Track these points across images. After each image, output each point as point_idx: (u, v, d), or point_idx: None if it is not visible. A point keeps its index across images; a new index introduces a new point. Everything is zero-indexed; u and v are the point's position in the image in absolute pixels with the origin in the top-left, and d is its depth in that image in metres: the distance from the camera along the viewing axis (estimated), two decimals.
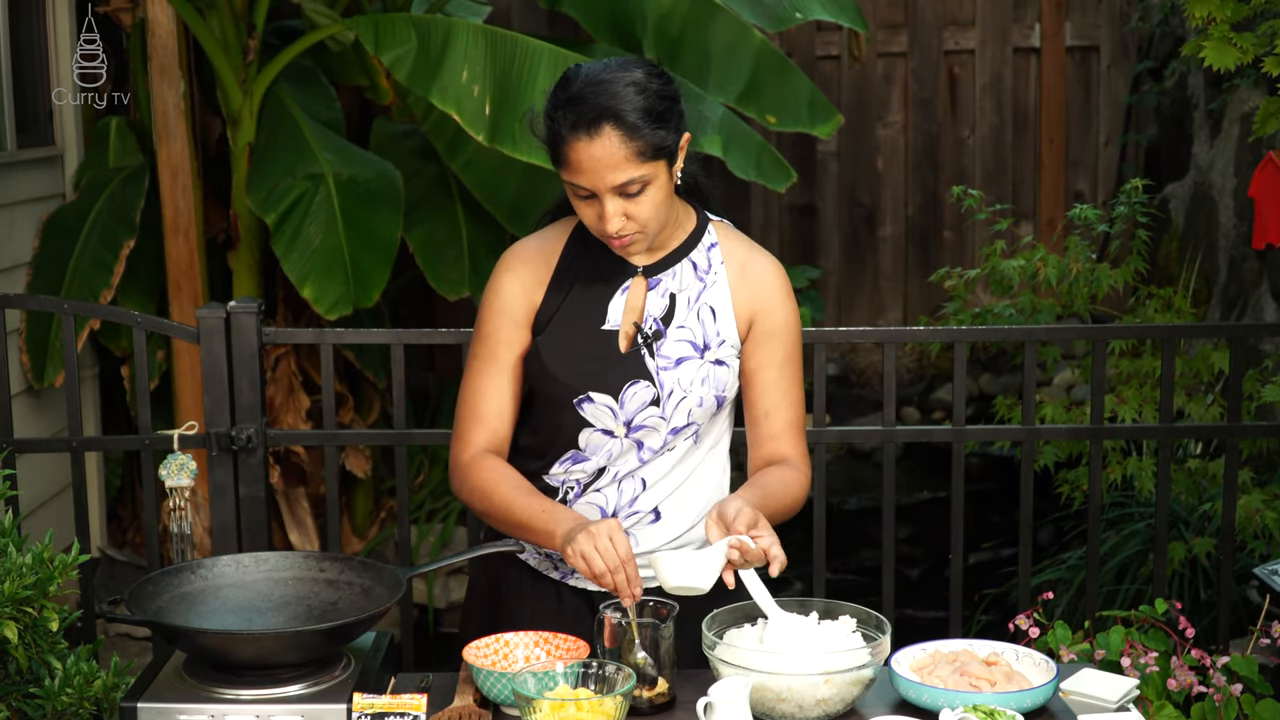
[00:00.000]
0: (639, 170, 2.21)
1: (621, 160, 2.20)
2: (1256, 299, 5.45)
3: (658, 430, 2.35)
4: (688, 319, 2.36)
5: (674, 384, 2.33)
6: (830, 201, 7.20)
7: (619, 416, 2.33)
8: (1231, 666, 3.10)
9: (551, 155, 2.27)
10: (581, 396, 2.33)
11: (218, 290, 5.36)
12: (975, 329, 3.76)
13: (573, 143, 2.21)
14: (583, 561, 2.17)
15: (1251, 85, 5.69)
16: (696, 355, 2.35)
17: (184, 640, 2.18)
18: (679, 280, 2.37)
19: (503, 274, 2.40)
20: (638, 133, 2.20)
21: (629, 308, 2.36)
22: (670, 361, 2.34)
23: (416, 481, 6.00)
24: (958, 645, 2.28)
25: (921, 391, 7.09)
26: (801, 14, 5.33)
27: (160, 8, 4.82)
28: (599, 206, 2.24)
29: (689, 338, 2.35)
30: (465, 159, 5.18)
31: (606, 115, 2.19)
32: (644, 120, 2.21)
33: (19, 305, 3.74)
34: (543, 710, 1.96)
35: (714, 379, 2.35)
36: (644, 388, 2.33)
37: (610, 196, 2.22)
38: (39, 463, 4.70)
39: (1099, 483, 3.63)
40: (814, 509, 3.62)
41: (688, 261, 2.38)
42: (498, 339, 2.38)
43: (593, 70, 2.25)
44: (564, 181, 2.28)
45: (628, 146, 2.20)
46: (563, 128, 2.22)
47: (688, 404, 2.34)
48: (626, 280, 2.37)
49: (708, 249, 2.40)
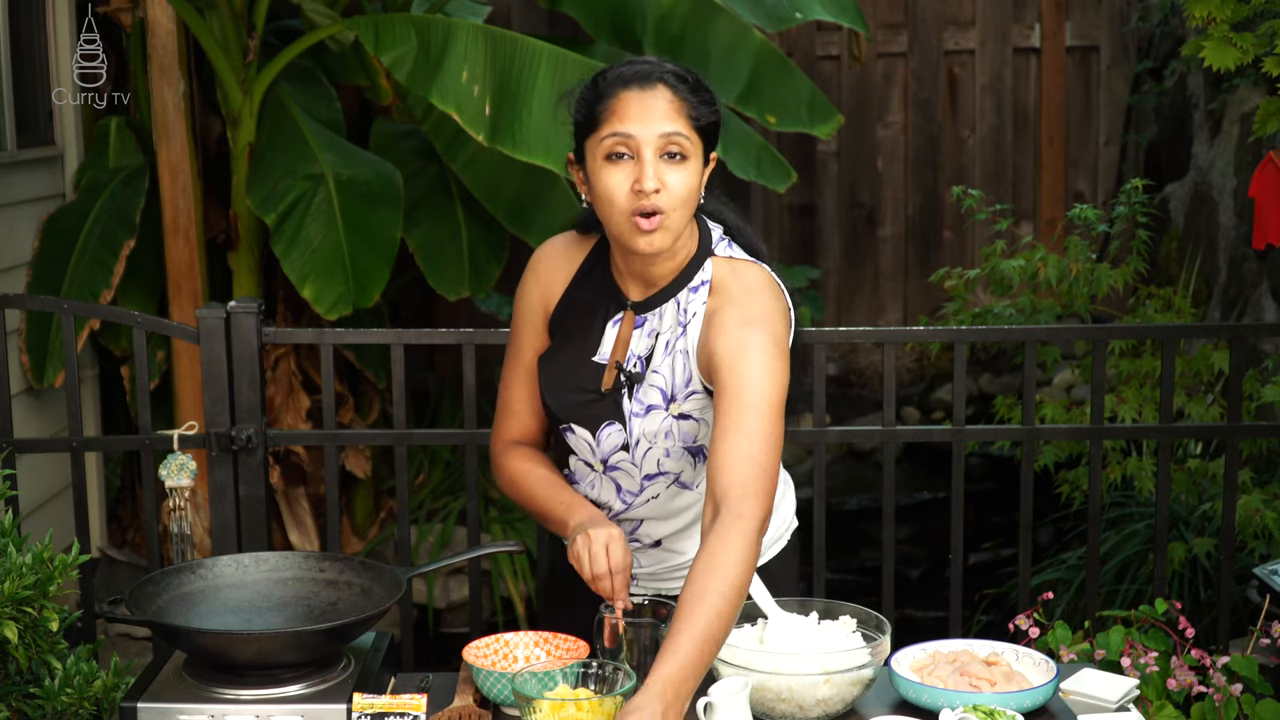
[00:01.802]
0: (686, 129, 2.19)
1: (673, 113, 2.19)
2: (1256, 299, 5.45)
3: (630, 475, 2.33)
4: (663, 364, 2.28)
5: (640, 433, 2.29)
6: (830, 201, 7.20)
7: (596, 453, 2.34)
8: (1231, 666, 3.10)
9: (586, 122, 2.22)
10: (564, 425, 2.36)
11: (218, 290, 5.36)
12: (975, 329, 3.76)
13: (622, 94, 2.19)
14: (576, 562, 2.22)
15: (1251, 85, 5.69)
16: (662, 406, 2.28)
17: (184, 640, 2.18)
18: (663, 321, 2.29)
19: (527, 276, 2.43)
20: (688, 94, 2.21)
21: (619, 341, 2.32)
22: (642, 409, 2.29)
23: (416, 481, 6.00)
24: (958, 645, 2.28)
25: (921, 391, 7.09)
26: (801, 14, 5.33)
27: (160, 8, 4.82)
28: (637, 167, 2.17)
29: (661, 384, 2.28)
30: (465, 159, 5.18)
31: (662, 73, 2.22)
32: (694, 90, 2.23)
33: (19, 305, 3.74)
34: (543, 710, 1.96)
35: (678, 433, 2.28)
36: (617, 430, 2.31)
37: (653, 151, 2.17)
38: (39, 463, 4.70)
39: (1099, 483, 3.63)
40: (814, 509, 3.62)
41: (673, 302, 2.28)
42: (523, 340, 2.42)
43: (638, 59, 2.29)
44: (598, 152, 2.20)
45: (678, 103, 2.20)
46: (612, 85, 2.21)
47: (654, 454, 2.30)
48: (619, 313, 2.33)
49: (694, 289, 2.27)
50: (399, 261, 5.05)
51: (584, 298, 2.35)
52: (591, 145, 2.22)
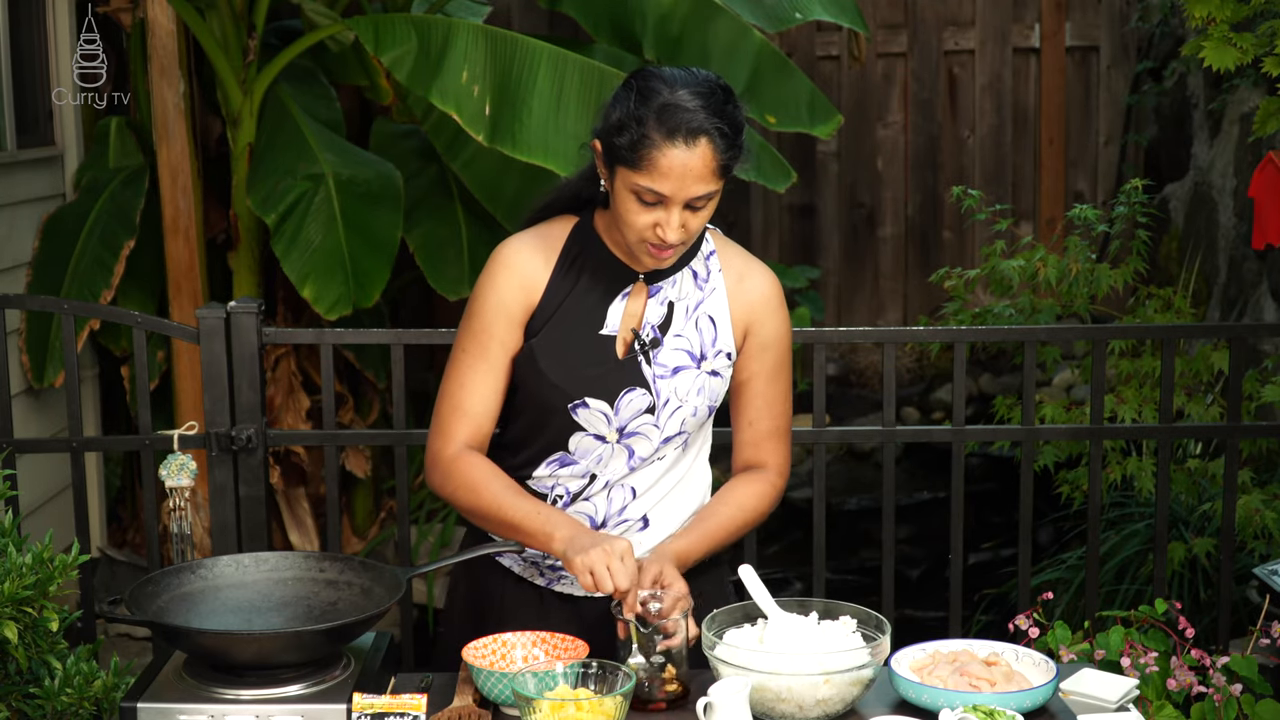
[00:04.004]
0: (716, 185, 2.22)
1: (709, 174, 2.20)
2: (1256, 299, 5.45)
3: (649, 438, 2.35)
4: (685, 328, 2.36)
5: (670, 393, 2.33)
6: (830, 201, 7.20)
7: (613, 422, 2.33)
8: (1231, 666, 3.10)
9: (626, 156, 2.21)
10: (577, 401, 2.32)
11: (218, 290, 5.36)
12: (975, 329, 3.76)
13: (665, 149, 2.18)
14: (590, 577, 2.16)
15: (1251, 85, 5.69)
16: (693, 365, 2.35)
17: (184, 640, 2.18)
18: (679, 289, 2.37)
19: (500, 270, 2.36)
20: (726, 150, 2.20)
21: (628, 314, 2.35)
22: (667, 370, 2.34)
23: (416, 481, 5.99)
24: (958, 645, 2.28)
25: (921, 391, 7.09)
26: (801, 14, 5.33)
27: (160, 8, 4.82)
28: (663, 214, 2.22)
29: (686, 347, 2.35)
30: (465, 159, 5.18)
31: (708, 129, 2.18)
32: (734, 138, 2.22)
33: (19, 305, 3.74)
34: (543, 710, 1.96)
35: (709, 389, 2.36)
36: (640, 395, 2.33)
37: (679, 208, 2.21)
38: (39, 463, 4.70)
39: (1099, 483, 3.63)
40: (814, 509, 3.62)
41: (688, 270, 2.38)
42: (490, 335, 2.35)
43: (686, 79, 2.22)
44: (628, 185, 2.22)
45: (716, 161, 2.20)
46: (656, 132, 2.18)
47: (682, 413, 2.34)
48: (627, 286, 2.36)
49: (706, 257, 2.40)
50: (399, 261, 5.05)
51: (579, 281, 2.35)
52: (623, 175, 2.23)
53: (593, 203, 2.39)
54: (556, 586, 2.42)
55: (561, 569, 2.39)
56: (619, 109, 2.23)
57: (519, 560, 2.43)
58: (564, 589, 2.42)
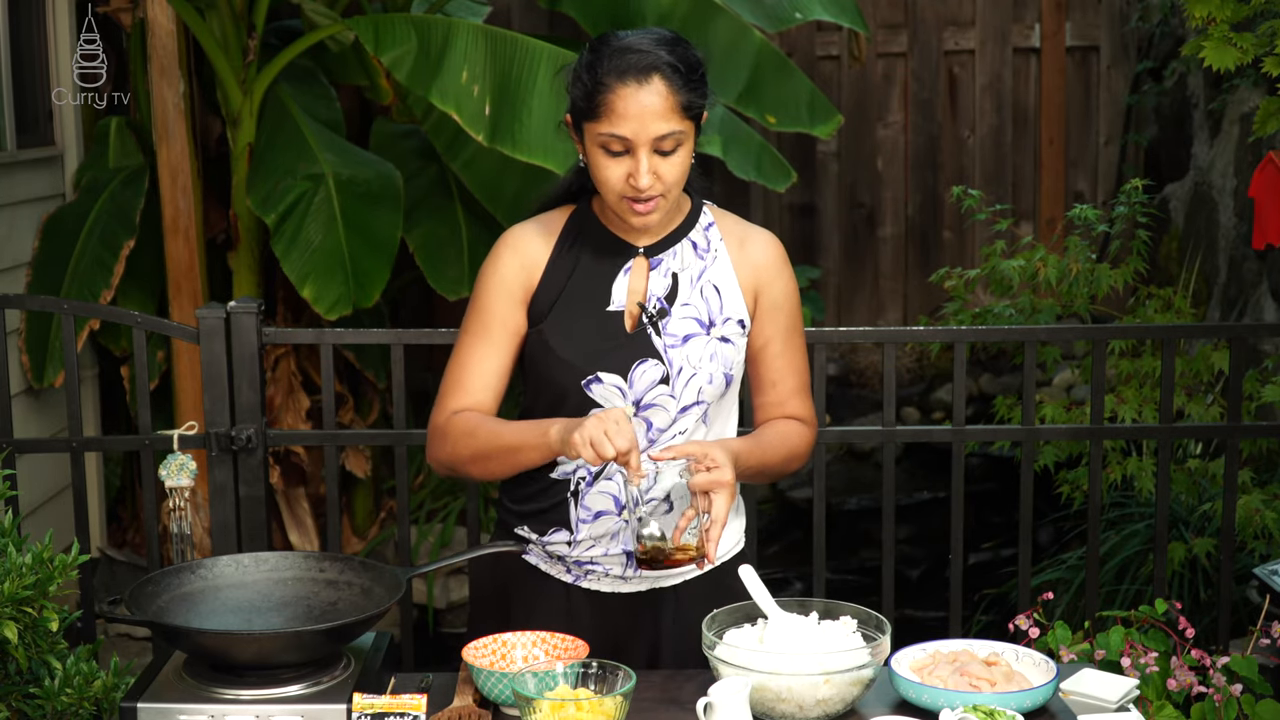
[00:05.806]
0: (680, 124, 2.25)
1: (667, 110, 2.24)
2: (1256, 299, 5.45)
3: (666, 409, 2.36)
4: (691, 296, 2.38)
5: (683, 361, 2.35)
6: (830, 201, 7.20)
7: (628, 396, 2.34)
8: (1231, 666, 3.10)
9: (584, 109, 2.27)
10: (590, 378, 2.34)
11: (218, 290, 5.36)
12: (975, 329, 3.76)
13: (619, 90, 2.23)
14: (591, 449, 2.15)
15: (1251, 85, 5.69)
16: (703, 332, 2.38)
17: (184, 640, 2.18)
18: (680, 259, 2.40)
19: (503, 251, 2.42)
20: (683, 86, 2.25)
21: (632, 289, 2.38)
22: (678, 339, 2.36)
23: (416, 481, 6.00)
24: (958, 645, 2.28)
25: (921, 391, 7.09)
26: (801, 14, 5.33)
27: (160, 8, 4.82)
28: (631, 163, 2.26)
29: (694, 314, 2.38)
30: (465, 159, 5.18)
31: (658, 65, 2.24)
32: (689, 75, 2.26)
33: (19, 305, 3.74)
34: (543, 710, 1.96)
35: (721, 356, 2.38)
36: (653, 366, 2.35)
37: (647, 150, 2.25)
38: (39, 463, 4.70)
39: (1099, 483, 3.63)
40: (814, 509, 3.62)
41: (687, 241, 2.41)
42: (492, 313, 2.39)
43: (638, 32, 2.31)
44: (594, 139, 2.27)
45: (674, 98, 2.24)
46: (608, 75, 2.24)
47: (697, 381, 2.36)
48: (628, 261, 2.39)
49: (705, 228, 2.43)
50: (399, 261, 5.05)
51: (580, 261, 2.39)
52: (588, 131, 2.29)
53: (588, 191, 2.43)
54: (583, 583, 2.43)
55: (588, 564, 2.40)
56: (576, 68, 2.31)
57: (544, 557, 2.44)
58: (590, 585, 2.43)
